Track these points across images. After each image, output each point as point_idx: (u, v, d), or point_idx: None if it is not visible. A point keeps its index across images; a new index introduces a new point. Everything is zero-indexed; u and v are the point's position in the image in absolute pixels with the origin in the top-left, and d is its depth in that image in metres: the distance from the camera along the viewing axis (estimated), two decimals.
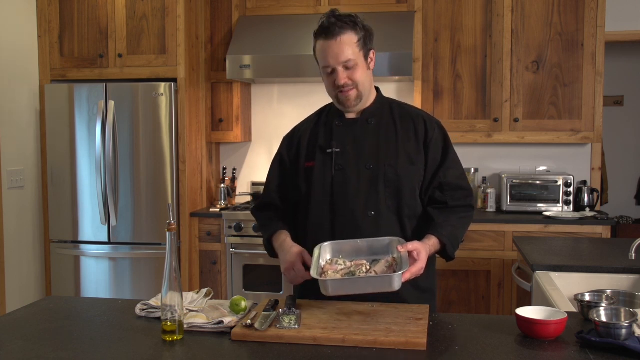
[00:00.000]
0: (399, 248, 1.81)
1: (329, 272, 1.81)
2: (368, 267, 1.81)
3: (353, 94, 1.99)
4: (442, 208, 2.03)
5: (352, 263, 1.85)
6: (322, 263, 1.87)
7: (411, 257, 1.81)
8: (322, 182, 2.03)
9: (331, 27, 1.94)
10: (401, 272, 1.70)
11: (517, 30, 4.11)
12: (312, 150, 2.08)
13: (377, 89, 2.13)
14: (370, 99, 2.08)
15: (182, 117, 4.08)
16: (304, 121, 2.20)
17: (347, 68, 1.95)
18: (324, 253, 1.90)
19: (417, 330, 1.64)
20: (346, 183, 2.01)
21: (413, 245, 1.83)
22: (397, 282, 1.70)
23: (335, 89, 1.99)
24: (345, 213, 2.00)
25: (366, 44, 1.99)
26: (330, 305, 1.85)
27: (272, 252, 2.11)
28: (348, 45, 1.94)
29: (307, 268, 1.88)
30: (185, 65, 4.09)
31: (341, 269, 1.82)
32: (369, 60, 2.02)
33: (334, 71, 1.97)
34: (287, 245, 1.99)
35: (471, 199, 2.09)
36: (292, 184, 2.12)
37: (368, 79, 2.02)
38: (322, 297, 1.91)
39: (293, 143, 2.14)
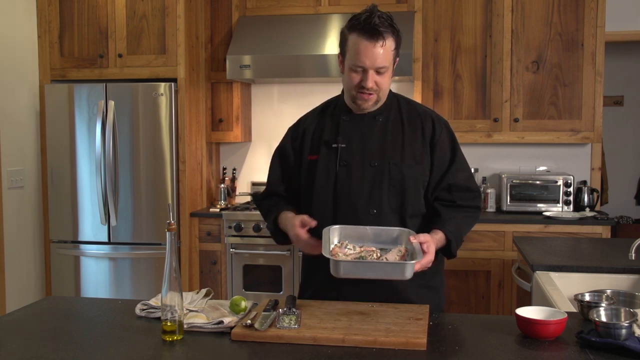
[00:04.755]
0: (411, 238, 1.80)
1: (339, 255, 1.80)
2: (379, 255, 1.81)
3: (373, 98, 1.97)
4: (449, 205, 2.02)
5: (362, 249, 1.85)
6: (332, 245, 1.87)
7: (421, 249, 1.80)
8: (326, 176, 2.02)
9: (378, 27, 1.89)
10: (414, 262, 1.70)
11: (517, 30, 4.11)
12: (316, 143, 2.07)
13: None
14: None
15: (182, 117, 4.08)
16: (309, 113, 2.18)
17: (378, 73, 1.94)
18: (332, 236, 1.90)
19: (417, 330, 1.64)
20: (350, 179, 2.00)
21: (424, 237, 1.83)
22: (409, 270, 1.70)
23: (357, 89, 1.96)
24: (347, 209, 1.99)
25: (398, 51, 1.98)
26: (330, 305, 1.86)
27: (278, 237, 2.07)
28: (388, 52, 1.92)
29: (311, 233, 1.90)
30: (185, 65, 4.09)
31: (351, 254, 1.82)
32: (394, 65, 2.01)
33: (364, 72, 1.94)
34: (289, 219, 1.97)
35: (479, 200, 2.09)
36: (294, 176, 2.11)
37: (389, 85, 2.01)
38: (321, 297, 1.92)
39: (297, 134, 2.12)
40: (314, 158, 2.06)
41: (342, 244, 1.87)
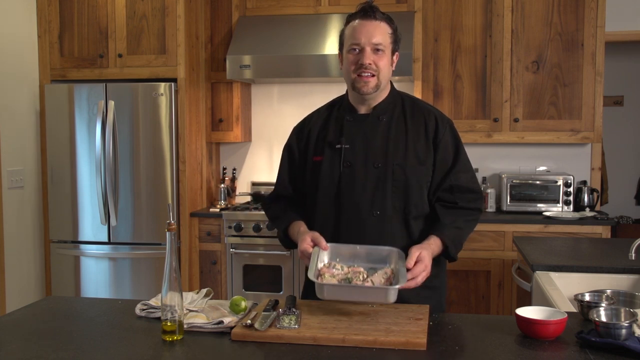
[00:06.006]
0: (408, 265, 1.79)
1: (325, 275, 1.80)
2: (365, 276, 1.80)
3: (373, 81, 1.97)
4: (450, 207, 2.02)
5: (350, 269, 1.84)
6: (320, 265, 1.87)
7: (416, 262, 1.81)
8: (330, 177, 2.02)
9: (372, 9, 1.97)
10: (397, 286, 1.70)
11: (517, 30, 4.11)
12: (320, 144, 2.07)
13: (389, 83, 2.12)
14: (384, 94, 2.06)
15: (182, 117, 4.08)
16: (314, 112, 2.18)
17: (375, 52, 1.96)
18: (322, 255, 1.90)
19: (417, 330, 1.64)
20: (353, 180, 2.00)
21: (418, 256, 1.82)
22: (392, 295, 1.70)
23: (356, 70, 1.97)
24: (351, 210, 1.99)
25: (396, 42, 2.03)
26: (330, 305, 1.85)
27: (288, 244, 2.09)
28: (383, 30, 1.98)
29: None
30: (185, 65, 4.09)
31: (338, 274, 1.81)
32: (393, 58, 2.04)
33: (361, 51, 1.96)
34: (301, 233, 1.98)
35: (481, 201, 2.09)
36: (300, 176, 2.12)
37: (388, 74, 2.02)
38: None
39: (303, 135, 2.13)
40: (318, 159, 2.06)
41: (330, 265, 1.86)
